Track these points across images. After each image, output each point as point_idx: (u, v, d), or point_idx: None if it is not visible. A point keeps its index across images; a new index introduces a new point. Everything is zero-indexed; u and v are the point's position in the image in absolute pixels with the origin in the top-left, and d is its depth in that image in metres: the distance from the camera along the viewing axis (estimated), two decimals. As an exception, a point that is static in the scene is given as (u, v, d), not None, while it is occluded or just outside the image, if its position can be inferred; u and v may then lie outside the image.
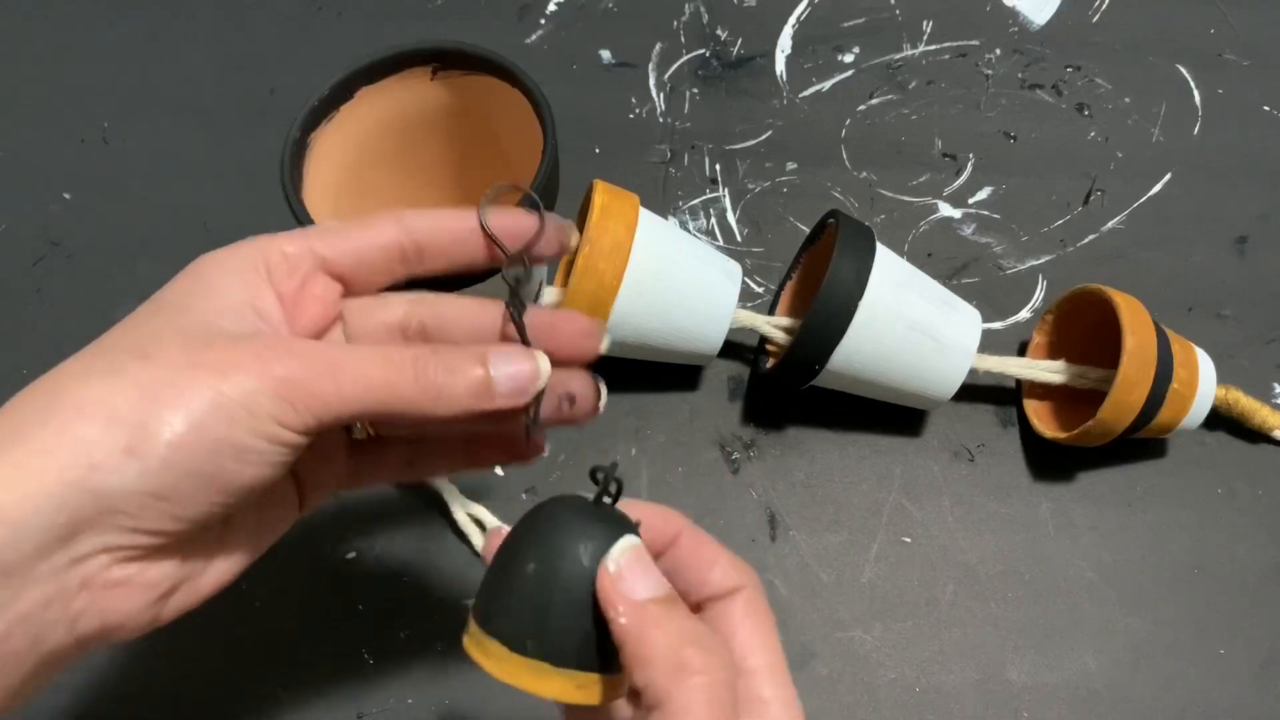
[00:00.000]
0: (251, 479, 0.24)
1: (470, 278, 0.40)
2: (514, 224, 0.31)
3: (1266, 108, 0.58)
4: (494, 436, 0.33)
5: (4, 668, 0.22)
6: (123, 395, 0.23)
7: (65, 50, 0.61)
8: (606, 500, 0.27)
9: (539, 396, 0.29)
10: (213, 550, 0.27)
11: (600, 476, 0.27)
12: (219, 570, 0.27)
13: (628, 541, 0.26)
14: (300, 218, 0.40)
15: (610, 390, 0.49)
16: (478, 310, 0.30)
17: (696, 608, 0.29)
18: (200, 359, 0.24)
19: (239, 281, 0.27)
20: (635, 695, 0.25)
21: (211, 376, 0.24)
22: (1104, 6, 0.62)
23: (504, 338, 0.30)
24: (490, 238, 0.30)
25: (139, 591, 0.24)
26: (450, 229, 0.30)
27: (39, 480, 0.22)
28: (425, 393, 0.26)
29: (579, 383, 0.30)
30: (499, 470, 0.47)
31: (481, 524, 0.45)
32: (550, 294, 0.47)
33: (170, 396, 0.23)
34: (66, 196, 0.56)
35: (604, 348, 0.31)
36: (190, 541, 0.25)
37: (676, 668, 0.23)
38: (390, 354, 0.26)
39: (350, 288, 0.29)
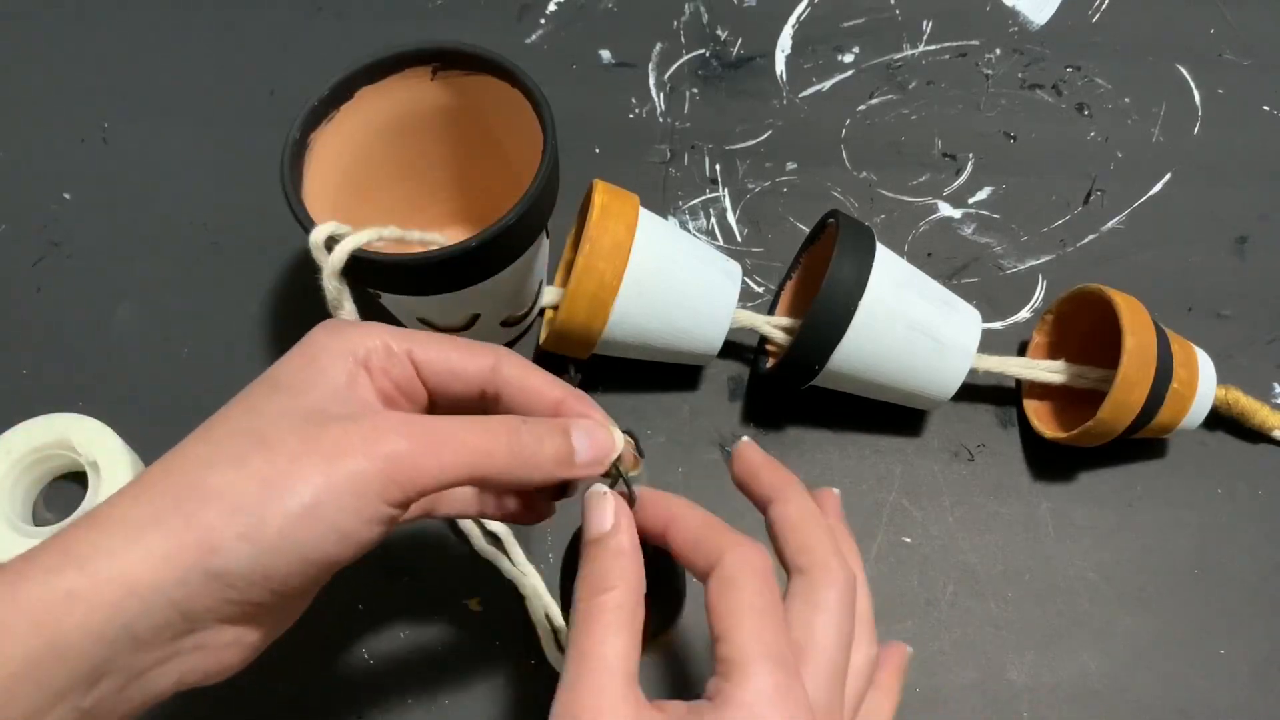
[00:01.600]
0: (350, 556, 0.27)
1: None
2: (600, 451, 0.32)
3: (1266, 108, 0.58)
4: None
5: (116, 708, 0.25)
6: (243, 485, 0.25)
7: (65, 50, 0.61)
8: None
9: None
10: (291, 606, 0.29)
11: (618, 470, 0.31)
12: (291, 618, 0.30)
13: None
14: (300, 218, 0.40)
15: (610, 390, 0.49)
16: (545, 382, 0.32)
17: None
18: (314, 446, 0.26)
19: (343, 369, 0.29)
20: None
21: (324, 463, 0.26)
22: (1104, 6, 0.62)
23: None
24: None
25: (241, 649, 0.27)
26: (536, 390, 0.31)
27: (166, 563, 0.24)
28: (516, 459, 0.29)
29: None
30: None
31: (481, 524, 0.45)
32: (550, 293, 0.47)
33: (285, 485, 0.25)
34: (66, 196, 0.56)
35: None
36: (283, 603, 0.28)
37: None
38: (488, 423, 0.29)
39: (434, 402, 0.32)
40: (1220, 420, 0.47)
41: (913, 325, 0.43)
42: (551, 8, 0.62)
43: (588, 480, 0.32)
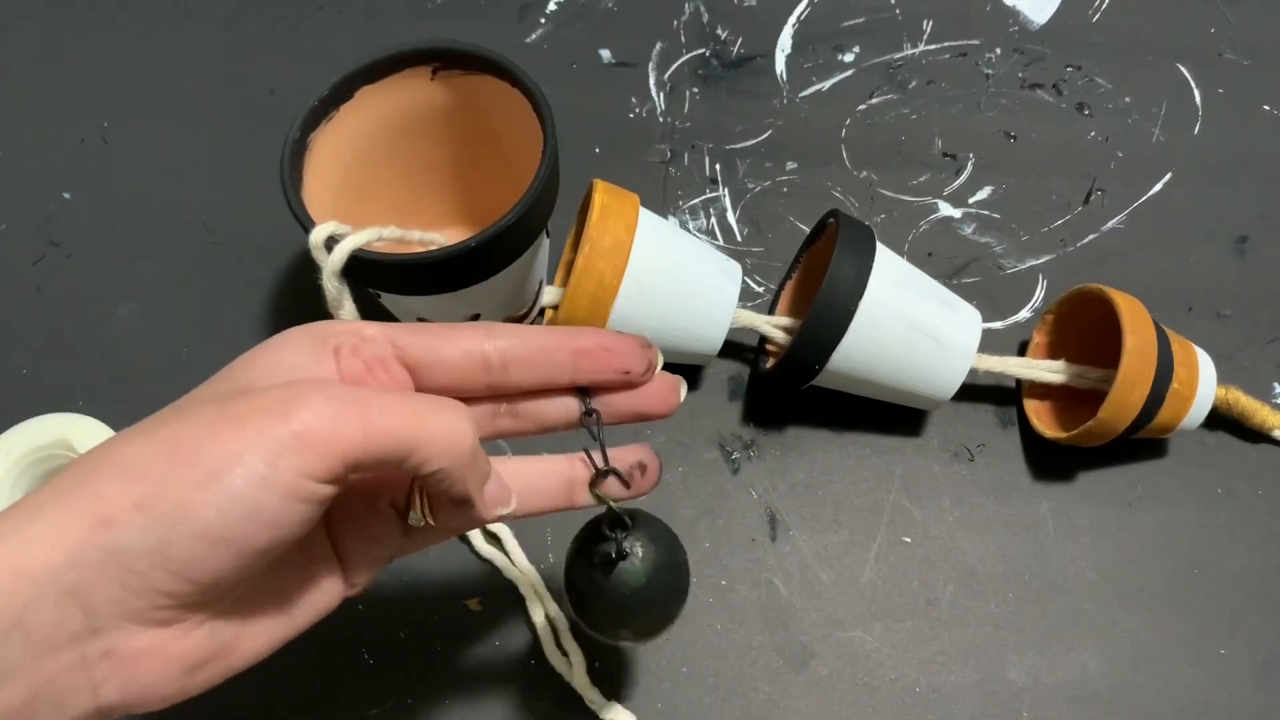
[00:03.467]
0: (267, 540, 0.23)
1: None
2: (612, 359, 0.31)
3: (1266, 108, 0.58)
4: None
5: None
6: (148, 453, 0.23)
7: (65, 50, 0.61)
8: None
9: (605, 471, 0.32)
10: (245, 622, 0.26)
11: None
12: (252, 644, 0.26)
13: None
14: (300, 218, 0.40)
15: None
16: (546, 333, 0.30)
17: None
18: (226, 413, 0.23)
19: (301, 348, 0.27)
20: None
21: (232, 428, 0.23)
22: (1104, 6, 0.62)
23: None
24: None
25: (165, 663, 0.24)
26: (540, 343, 0.30)
27: (58, 539, 0.22)
28: (452, 441, 0.25)
29: (647, 455, 0.33)
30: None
31: (481, 524, 0.45)
32: (550, 293, 0.47)
33: (190, 452, 0.23)
34: (66, 196, 0.56)
35: (683, 397, 0.33)
36: (217, 612, 0.25)
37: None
38: (429, 398, 0.26)
39: (422, 385, 0.29)
40: (1220, 420, 0.47)
41: (913, 325, 0.43)
42: (551, 8, 0.62)
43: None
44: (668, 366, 0.48)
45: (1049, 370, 0.46)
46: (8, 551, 0.22)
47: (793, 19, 0.62)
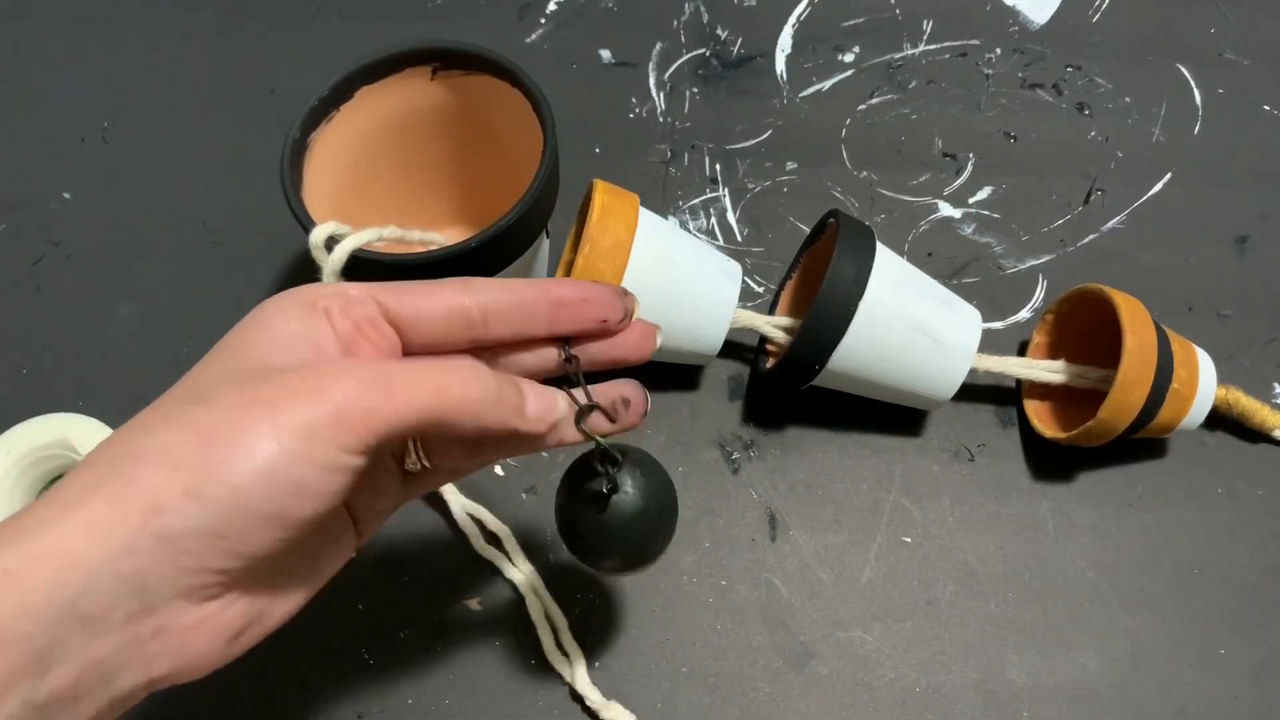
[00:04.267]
0: (311, 511, 0.25)
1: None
2: (589, 307, 0.32)
3: (1266, 108, 0.58)
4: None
5: (76, 707, 0.23)
6: (183, 441, 0.24)
7: (65, 50, 0.61)
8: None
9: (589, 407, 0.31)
10: (278, 587, 0.27)
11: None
12: (284, 606, 0.28)
13: None
14: (300, 218, 0.40)
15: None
16: (525, 285, 0.31)
17: None
18: (256, 396, 0.25)
19: (294, 316, 0.28)
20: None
21: (267, 411, 0.24)
22: (1104, 6, 0.62)
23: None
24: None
25: (212, 635, 0.25)
26: (519, 297, 0.30)
27: (109, 529, 0.23)
28: (473, 398, 0.27)
29: (631, 390, 0.33)
30: (499, 470, 0.47)
31: (481, 523, 0.45)
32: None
33: (228, 437, 0.24)
34: (66, 196, 0.56)
35: (659, 344, 0.34)
36: (256, 580, 0.26)
37: None
38: (445, 363, 0.28)
39: (408, 342, 0.30)
40: (1220, 420, 0.47)
41: (913, 325, 0.43)
42: (551, 8, 0.62)
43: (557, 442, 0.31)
44: (669, 367, 0.48)
45: (1049, 370, 0.46)
46: (54, 542, 0.22)
47: (793, 19, 0.62)
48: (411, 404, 0.26)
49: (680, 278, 0.43)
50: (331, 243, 0.38)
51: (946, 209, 0.55)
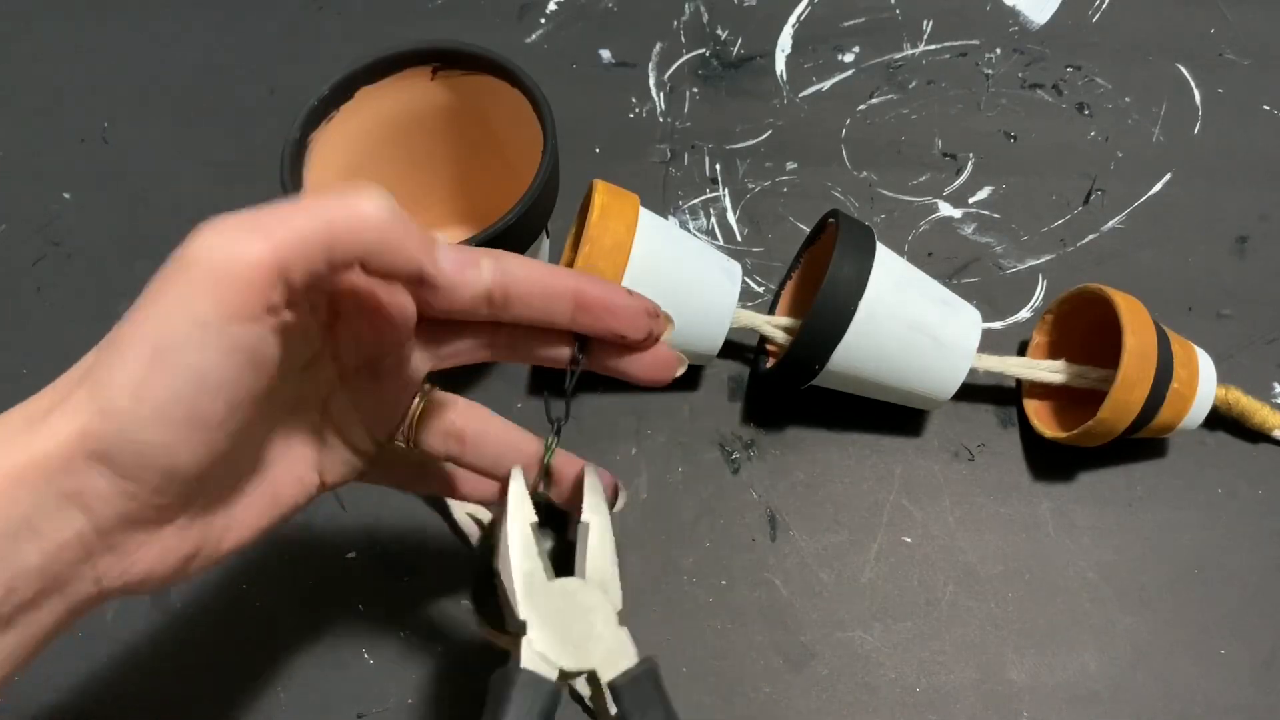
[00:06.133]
0: (225, 402, 0.23)
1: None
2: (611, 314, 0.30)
3: (1266, 107, 0.58)
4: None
5: (36, 614, 0.24)
6: (98, 359, 0.24)
7: (65, 50, 0.61)
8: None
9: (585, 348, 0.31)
10: (232, 513, 0.27)
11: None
12: (238, 532, 0.27)
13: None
14: (300, 218, 0.40)
15: (610, 390, 0.49)
16: (550, 271, 0.29)
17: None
18: (143, 299, 0.24)
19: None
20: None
21: (148, 307, 0.23)
22: (1104, 6, 0.62)
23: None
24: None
25: (162, 554, 0.25)
26: (545, 285, 0.29)
27: (51, 452, 0.23)
28: (368, 227, 0.24)
29: (605, 479, 0.33)
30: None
31: (481, 523, 0.45)
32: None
33: (125, 343, 0.23)
34: (66, 196, 0.56)
35: (676, 374, 0.32)
36: (205, 503, 0.26)
37: None
38: (324, 195, 0.25)
39: (423, 305, 0.28)
40: (1220, 420, 0.47)
41: (913, 325, 0.43)
42: (551, 8, 0.62)
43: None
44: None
45: (1049, 370, 0.46)
46: (7, 463, 0.23)
47: (793, 19, 0.62)
48: (290, 237, 0.23)
49: (680, 278, 0.43)
50: (331, 243, 0.38)
51: (946, 209, 0.55)
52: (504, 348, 0.30)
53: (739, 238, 0.54)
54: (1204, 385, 0.44)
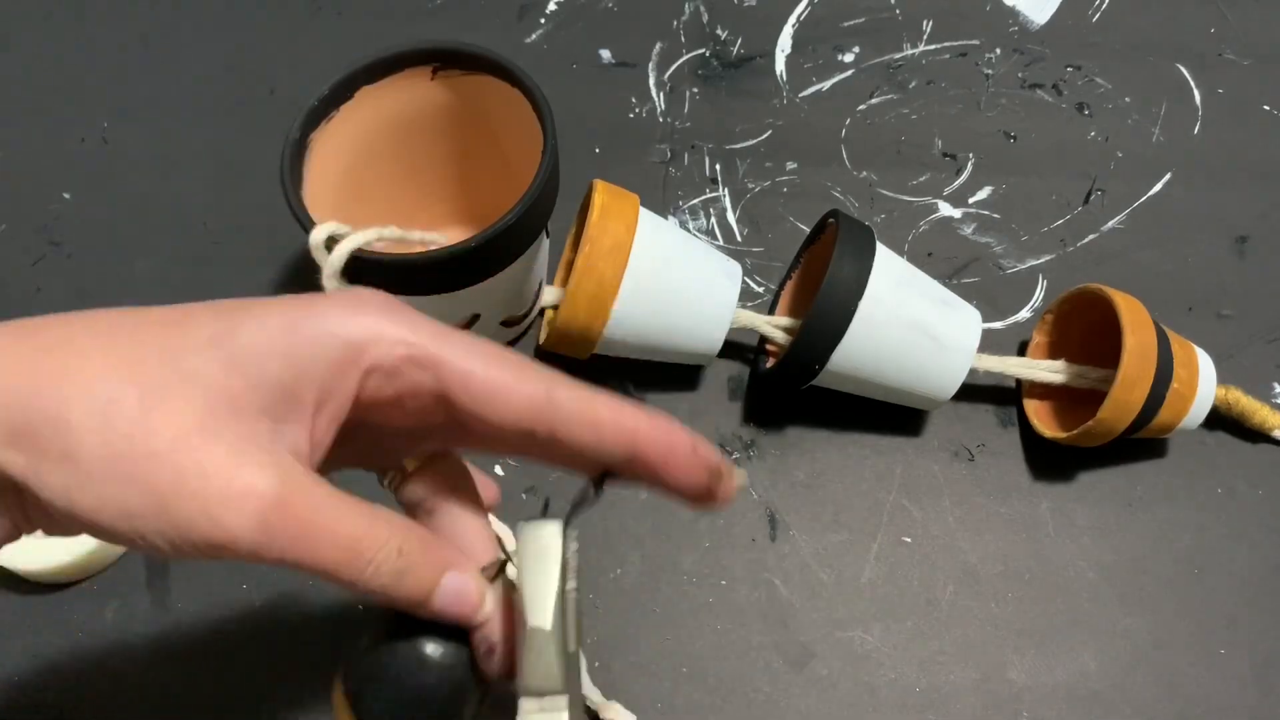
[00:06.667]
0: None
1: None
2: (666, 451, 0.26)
3: (1266, 108, 0.58)
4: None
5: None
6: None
7: (65, 50, 0.61)
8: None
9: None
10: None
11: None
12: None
13: None
14: (300, 218, 0.40)
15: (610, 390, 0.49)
16: (613, 412, 0.26)
17: None
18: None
19: (334, 347, 0.24)
20: None
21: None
22: (1104, 6, 0.62)
23: None
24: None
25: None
26: (599, 432, 0.25)
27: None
28: (373, 578, 0.24)
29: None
30: (499, 470, 0.47)
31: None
32: (550, 293, 0.47)
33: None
34: (66, 196, 0.56)
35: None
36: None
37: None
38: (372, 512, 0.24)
39: (454, 403, 0.25)
40: (1220, 420, 0.47)
41: (913, 325, 0.43)
42: (551, 8, 0.62)
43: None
44: (669, 367, 0.48)
45: (1049, 370, 0.46)
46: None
47: (793, 19, 0.62)
48: (308, 558, 0.23)
49: (680, 278, 0.43)
50: (331, 243, 0.38)
51: (946, 209, 0.55)
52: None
53: (739, 238, 0.54)
54: (1204, 385, 0.44)
